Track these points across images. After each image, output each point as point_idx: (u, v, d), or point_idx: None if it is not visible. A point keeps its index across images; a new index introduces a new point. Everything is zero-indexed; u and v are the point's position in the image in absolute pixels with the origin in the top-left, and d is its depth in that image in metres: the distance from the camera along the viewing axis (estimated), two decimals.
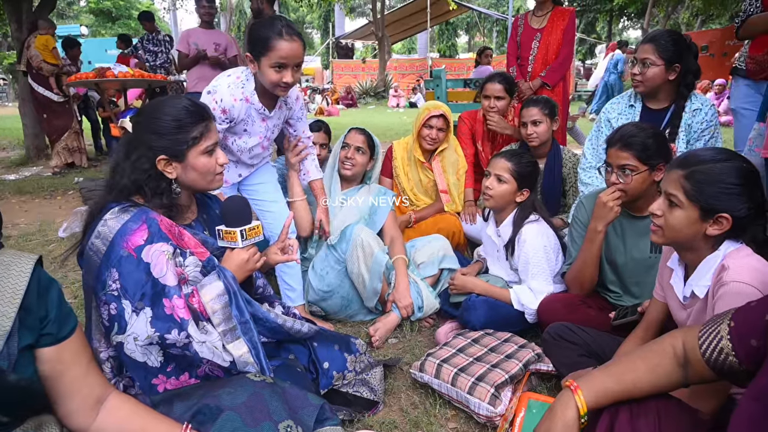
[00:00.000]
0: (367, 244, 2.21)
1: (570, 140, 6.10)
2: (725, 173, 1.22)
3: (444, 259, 2.43)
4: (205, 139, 1.39)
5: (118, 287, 1.22)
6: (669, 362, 1.03)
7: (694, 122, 2.22)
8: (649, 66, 2.17)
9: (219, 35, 4.97)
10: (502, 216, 2.17)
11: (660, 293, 1.51)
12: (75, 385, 1.05)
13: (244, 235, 1.40)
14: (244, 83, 1.95)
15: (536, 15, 3.58)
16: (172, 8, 21.47)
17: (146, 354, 1.24)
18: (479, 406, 1.58)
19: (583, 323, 1.77)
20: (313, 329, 1.62)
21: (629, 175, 1.74)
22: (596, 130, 2.44)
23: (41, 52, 5.92)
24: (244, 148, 2.11)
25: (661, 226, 1.31)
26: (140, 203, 1.34)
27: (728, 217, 1.21)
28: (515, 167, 2.09)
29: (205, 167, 1.40)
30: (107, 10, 27.06)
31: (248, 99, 1.96)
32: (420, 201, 2.97)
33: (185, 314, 1.27)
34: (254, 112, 2.01)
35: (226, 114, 1.93)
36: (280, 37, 1.80)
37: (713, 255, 1.26)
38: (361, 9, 32.08)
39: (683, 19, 20.27)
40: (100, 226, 1.27)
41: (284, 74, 1.85)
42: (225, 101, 1.91)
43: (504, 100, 2.93)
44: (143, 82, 5.50)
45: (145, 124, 1.37)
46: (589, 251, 1.85)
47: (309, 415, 1.23)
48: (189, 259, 1.36)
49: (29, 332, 0.97)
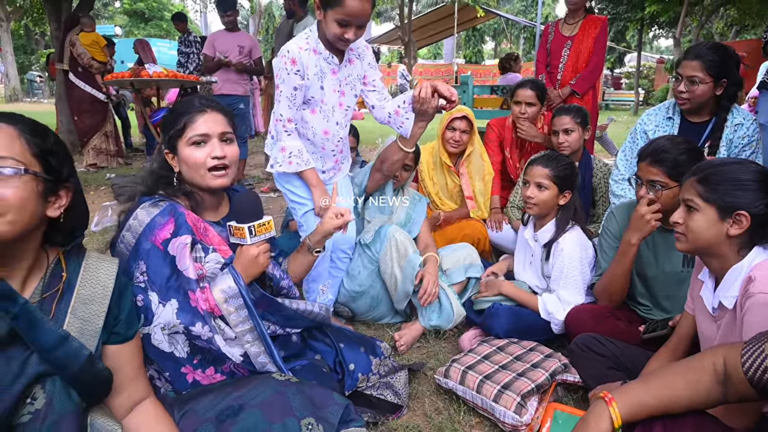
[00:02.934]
0: (402, 245, 2.19)
1: (598, 149, 6.03)
2: (737, 171, 1.25)
3: (471, 267, 2.41)
4: (190, 128, 1.41)
5: (145, 279, 1.26)
6: (708, 379, 1.01)
7: (736, 137, 2.17)
8: (698, 84, 2.10)
9: (243, 38, 5.12)
10: (543, 221, 2.16)
11: (691, 306, 1.49)
12: (124, 383, 1.11)
13: (253, 231, 1.40)
14: (309, 35, 1.94)
15: (568, 23, 3.55)
16: (203, 10, 21.90)
17: (173, 344, 1.27)
18: (504, 415, 1.57)
19: (612, 335, 1.75)
20: (325, 308, 1.62)
21: (659, 191, 1.71)
22: (631, 141, 2.40)
23: (90, 49, 5.98)
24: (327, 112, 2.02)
25: (683, 233, 1.33)
26: (170, 198, 1.40)
27: (746, 215, 1.22)
28: (554, 172, 2.07)
29: (191, 159, 1.41)
30: (140, 12, 27.76)
31: (315, 49, 1.93)
32: (445, 205, 2.98)
33: (207, 307, 1.30)
34: (323, 63, 1.95)
35: (296, 65, 1.89)
36: None
37: (739, 264, 1.26)
38: (387, 14, 32.20)
39: (717, 29, 19.82)
40: (131, 220, 1.31)
41: (347, 31, 1.81)
42: (292, 51, 1.89)
43: (535, 107, 2.92)
44: (176, 82, 5.62)
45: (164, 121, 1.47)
46: (621, 264, 1.82)
47: (334, 414, 1.24)
48: (210, 256, 1.38)
49: (105, 330, 1.05)
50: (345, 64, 2.02)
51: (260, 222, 1.41)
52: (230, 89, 5.01)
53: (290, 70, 1.88)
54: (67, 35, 6.03)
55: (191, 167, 1.42)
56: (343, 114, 2.08)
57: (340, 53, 1.99)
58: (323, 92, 1.99)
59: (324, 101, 2.00)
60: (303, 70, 1.91)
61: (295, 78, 1.89)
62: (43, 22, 12.50)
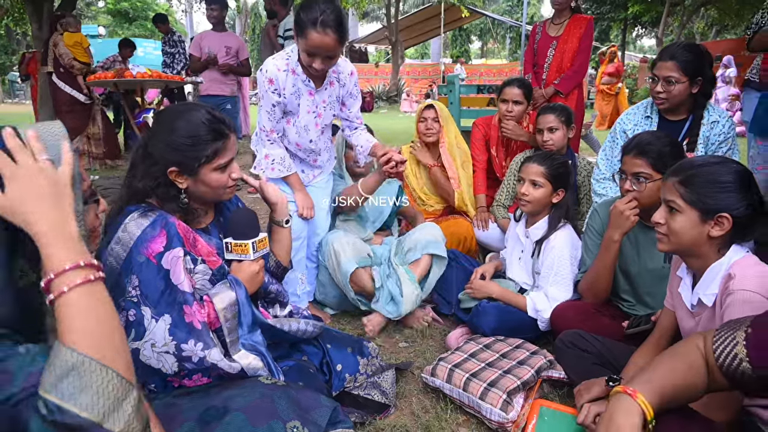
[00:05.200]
0: (336, 254, 2.27)
1: (584, 147, 6.09)
2: (718, 173, 1.26)
3: (428, 244, 2.39)
4: (220, 156, 1.36)
5: (138, 294, 1.22)
6: (702, 362, 1.02)
7: (712, 134, 2.20)
8: (674, 84, 2.13)
9: (231, 38, 5.07)
10: (536, 218, 2.18)
11: (670, 302, 1.51)
12: None
13: (255, 247, 1.41)
14: (290, 55, 2.03)
15: (554, 23, 3.58)
16: (188, 10, 21.71)
17: (161, 362, 1.23)
18: (491, 412, 1.58)
19: (596, 331, 1.77)
20: (318, 326, 1.63)
21: (643, 183, 1.74)
22: (611, 140, 2.43)
23: (73, 50, 5.85)
24: (300, 130, 2.14)
25: (666, 233, 1.33)
26: (158, 207, 1.35)
27: (728, 217, 1.24)
28: (548, 170, 2.09)
29: (217, 182, 1.39)
30: (125, 11, 27.44)
31: (294, 70, 2.03)
32: (431, 199, 3.05)
33: (206, 320, 1.29)
34: (301, 84, 2.06)
35: (273, 84, 2.01)
36: (313, 28, 1.83)
37: (719, 262, 1.28)
38: (374, 14, 32.21)
39: (698, 29, 20.12)
40: (120, 232, 1.26)
41: (314, 60, 1.91)
42: (270, 71, 2.00)
43: (521, 105, 2.94)
44: (161, 83, 5.57)
45: (160, 134, 1.35)
46: (604, 260, 1.84)
47: (322, 416, 1.24)
48: (199, 267, 1.36)
49: None
50: (325, 87, 2.12)
51: (260, 238, 1.43)
52: (217, 90, 4.97)
53: (268, 89, 2.01)
54: (50, 37, 5.93)
55: (213, 188, 1.39)
56: (318, 133, 2.20)
57: (321, 76, 2.08)
58: (299, 110, 2.10)
59: (299, 117, 2.12)
60: (279, 89, 2.01)
61: (273, 96, 2.03)
62: (25, 22, 12.26)
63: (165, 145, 1.33)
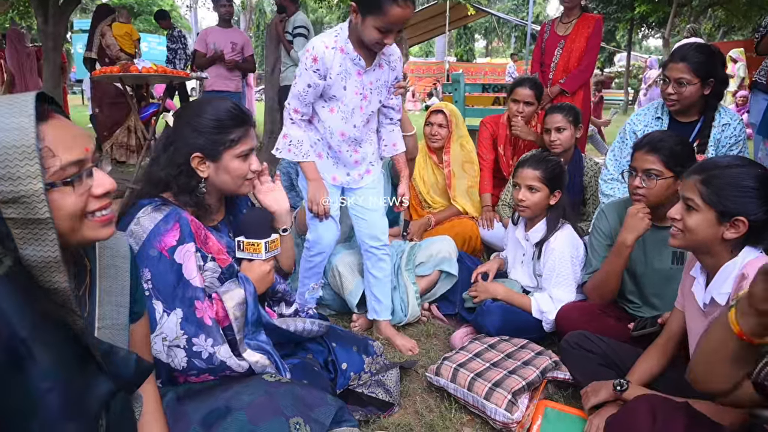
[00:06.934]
0: (341, 277, 2.31)
1: (589, 148, 6.07)
2: (741, 177, 1.25)
3: (442, 261, 2.40)
4: (242, 143, 1.37)
5: (150, 287, 1.23)
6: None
7: (723, 137, 2.19)
8: (686, 85, 2.10)
9: (236, 34, 5.07)
10: (534, 221, 2.16)
11: (681, 302, 1.50)
12: None
13: (268, 247, 1.41)
14: (338, 33, 1.88)
15: (563, 22, 3.57)
16: (193, 6, 21.69)
17: (171, 357, 1.24)
18: (496, 412, 1.58)
19: (602, 333, 1.76)
20: (324, 325, 1.63)
21: (654, 180, 1.72)
22: (620, 141, 2.41)
23: (120, 40, 5.79)
24: (347, 114, 1.97)
25: (681, 229, 1.33)
26: (171, 201, 1.34)
27: (744, 221, 1.24)
28: (544, 173, 2.07)
29: (238, 171, 1.39)
30: (129, 6, 27.46)
31: (342, 48, 1.87)
32: (437, 203, 3.01)
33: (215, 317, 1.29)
34: (349, 63, 1.90)
35: (317, 63, 1.84)
36: (395, 2, 1.69)
37: (732, 262, 1.28)
38: None
39: (705, 30, 20.01)
40: (132, 225, 1.26)
41: (387, 37, 1.77)
42: (316, 48, 1.84)
43: (532, 106, 2.92)
44: (165, 78, 5.53)
45: (186, 120, 1.37)
46: (614, 264, 1.82)
47: (325, 414, 1.24)
48: (208, 264, 1.36)
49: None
50: (374, 68, 1.96)
51: (272, 239, 1.44)
52: (222, 85, 4.97)
53: (309, 67, 1.86)
54: (98, 25, 5.84)
55: (234, 177, 1.39)
56: (364, 119, 2.02)
57: (370, 56, 1.94)
58: (345, 93, 1.94)
59: (344, 102, 1.95)
60: (324, 69, 1.87)
61: (312, 76, 1.87)
62: (30, 15, 12.29)
63: (191, 129, 1.34)
